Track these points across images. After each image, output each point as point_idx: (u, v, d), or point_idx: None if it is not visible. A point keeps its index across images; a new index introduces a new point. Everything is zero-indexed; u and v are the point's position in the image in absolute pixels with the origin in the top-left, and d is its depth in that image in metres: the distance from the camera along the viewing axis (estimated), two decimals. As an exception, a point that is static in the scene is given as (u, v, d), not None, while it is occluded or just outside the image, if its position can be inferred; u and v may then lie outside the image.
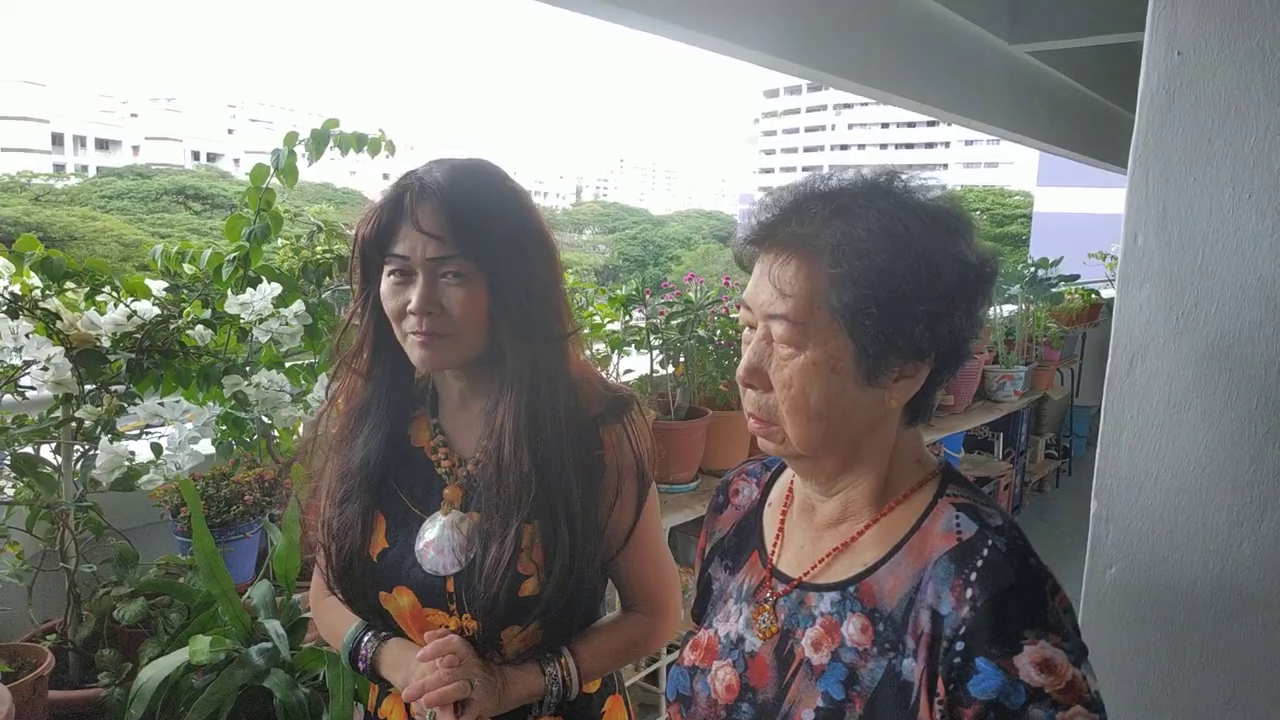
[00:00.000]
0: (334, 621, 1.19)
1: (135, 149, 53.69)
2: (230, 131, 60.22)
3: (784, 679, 0.85)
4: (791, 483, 0.97)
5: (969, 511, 0.81)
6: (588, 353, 1.17)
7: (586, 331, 2.41)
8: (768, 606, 0.90)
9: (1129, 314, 1.21)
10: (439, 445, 1.15)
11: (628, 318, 2.60)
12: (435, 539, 1.10)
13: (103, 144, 53.61)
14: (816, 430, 0.82)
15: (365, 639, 1.14)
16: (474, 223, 1.03)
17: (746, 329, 0.86)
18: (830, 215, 0.79)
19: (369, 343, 1.13)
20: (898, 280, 0.76)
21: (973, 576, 0.75)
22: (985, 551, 0.76)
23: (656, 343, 2.57)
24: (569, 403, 1.10)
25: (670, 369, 2.59)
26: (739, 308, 0.88)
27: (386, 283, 1.06)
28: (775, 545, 0.95)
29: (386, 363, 1.13)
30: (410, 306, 1.04)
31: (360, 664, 1.14)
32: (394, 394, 1.15)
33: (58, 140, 50.54)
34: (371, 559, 1.11)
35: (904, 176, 0.82)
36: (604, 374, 1.32)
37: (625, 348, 2.59)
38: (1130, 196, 1.20)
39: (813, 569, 0.88)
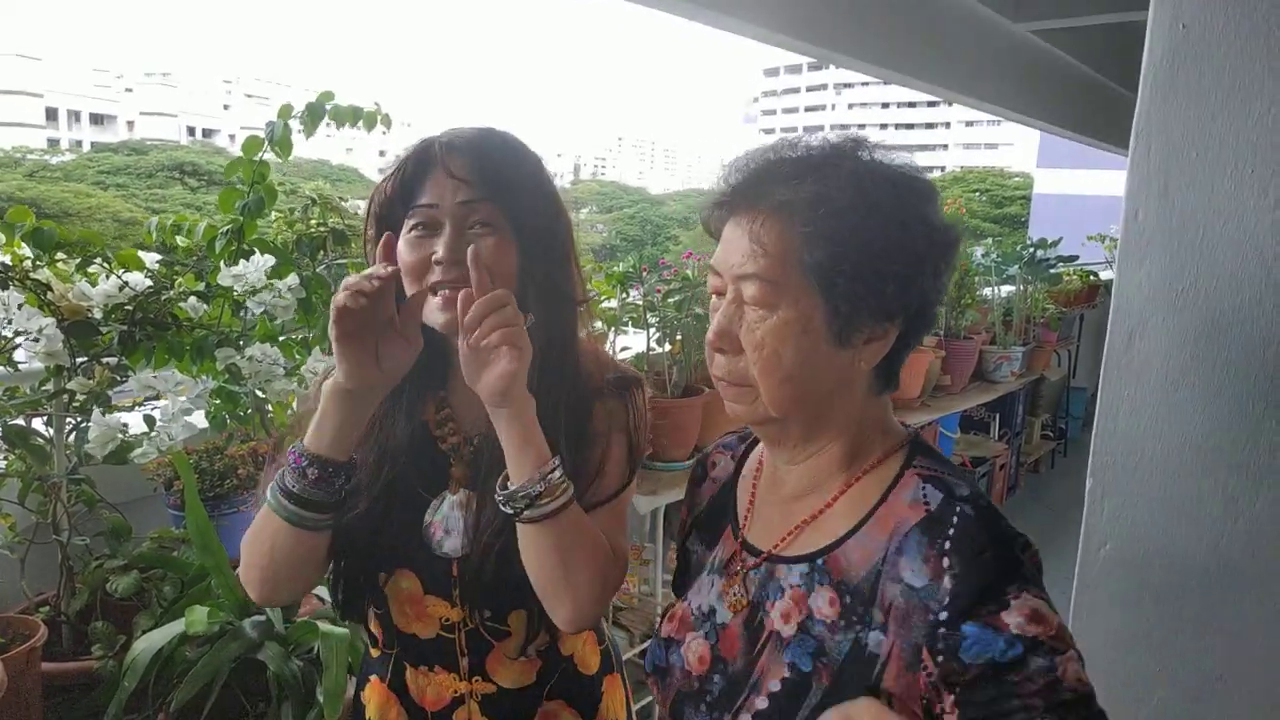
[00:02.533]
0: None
1: (130, 124, 53.42)
2: (226, 107, 59.86)
3: (753, 651, 0.85)
4: (763, 456, 0.97)
5: (935, 482, 0.81)
6: (584, 330, 1.15)
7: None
8: (738, 579, 0.91)
9: (1128, 290, 1.21)
10: (445, 420, 1.11)
11: (625, 295, 2.60)
12: (443, 519, 1.07)
13: (97, 119, 53.31)
14: (789, 391, 0.81)
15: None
16: (505, 174, 1.01)
17: (714, 296, 0.86)
18: (803, 175, 0.79)
19: None
20: (870, 239, 0.77)
21: (946, 545, 0.75)
22: (955, 519, 0.76)
23: (653, 320, 2.56)
24: (576, 374, 1.07)
25: (667, 347, 2.59)
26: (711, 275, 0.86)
27: (407, 238, 1.01)
28: (746, 518, 0.95)
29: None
30: (436, 256, 0.99)
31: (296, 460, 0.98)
32: (412, 369, 1.08)
33: (52, 115, 50.23)
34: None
35: (870, 143, 0.82)
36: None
37: (622, 325, 2.59)
38: (1131, 172, 1.19)
39: (782, 541, 0.88)
